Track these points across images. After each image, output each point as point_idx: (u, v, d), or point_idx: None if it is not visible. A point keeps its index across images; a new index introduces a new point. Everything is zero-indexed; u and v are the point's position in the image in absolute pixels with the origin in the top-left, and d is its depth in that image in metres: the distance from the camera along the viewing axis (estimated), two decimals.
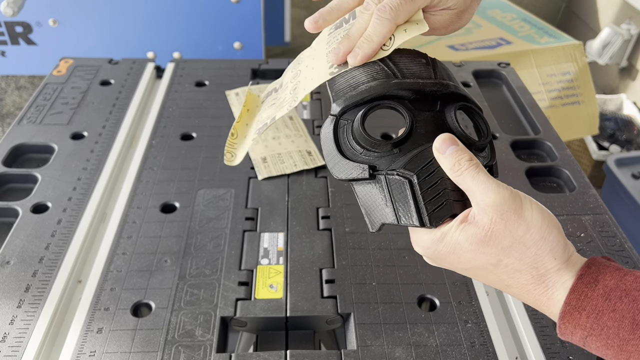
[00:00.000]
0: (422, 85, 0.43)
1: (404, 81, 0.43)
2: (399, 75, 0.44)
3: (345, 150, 0.44)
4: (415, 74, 0.44)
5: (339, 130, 0.44)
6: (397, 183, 0.41)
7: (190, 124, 0.84)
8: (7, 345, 0.52)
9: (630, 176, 1.50)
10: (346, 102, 0.43)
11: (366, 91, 0.43)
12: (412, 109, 0.43)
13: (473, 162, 0.39)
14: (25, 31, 1.23)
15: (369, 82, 0.43)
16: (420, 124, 0.43)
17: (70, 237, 0.63)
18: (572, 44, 1.62)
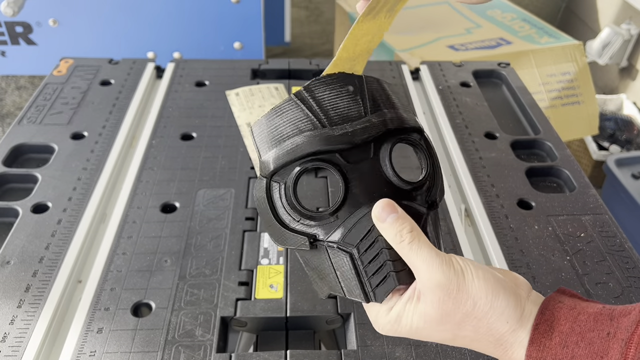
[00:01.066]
0: (351, 136, 0.40)
1: (331, 134, 0.40)
2: (326, 121, 0.40)
3: (282, 216, 0.41)
4: (344, 114, 0.41)
5: (272, 193, 0.41)
6: (339, 257, 0.40)
7: (190, 124, 0.84)
8: (7, 345, 0.52)
9: (630, 176, 1.50)
10: (274, 163, 0.40)
11: (293, 151, 0.40)
12: (343, 165, 0.40)
13: (414, 233, 0.38)
14: (26, 31, 1.23)
15: (294, 135, 0.40)
16: (354, 181, 0.40)
17: (70, 237, 0.63)
18: (572, 44, 1.62)
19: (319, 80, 0.42)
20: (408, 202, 0.41)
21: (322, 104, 0.41)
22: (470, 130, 0.83)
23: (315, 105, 0.41)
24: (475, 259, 0.64)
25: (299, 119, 0.41)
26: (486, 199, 0.70)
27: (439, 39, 1.63)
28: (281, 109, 0.41)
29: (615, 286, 0.59)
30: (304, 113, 0.41)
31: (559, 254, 0.63)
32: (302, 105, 0.41)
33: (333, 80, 0.42)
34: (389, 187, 0.41)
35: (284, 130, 0.41)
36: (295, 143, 0.40)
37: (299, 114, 0.41)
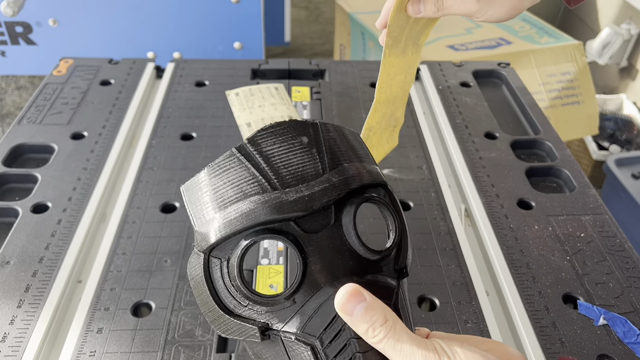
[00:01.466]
0: (308, 201, 0.33)
1: (284, 200, 0.32)
2: (277, 183, 0.33)
3: (225, 300, 0.33)
4: (298, 173, 0.33)
5: (211, 271, 0.34)
6: (298, 350, 0.32)
7: (190, 124, 0.84)
8: (7, 345, 0.52)
9: (630, 176, 1.50)
10: (215, 236, 0.33)
11: (237, 221, 0.32)
12: (299, 235, 0.33)
13: (389, 324, 0.32)
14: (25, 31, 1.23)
15: (238, 200, 0.32)
16: (314, 256, 0.33)
17: (70, 237, 0.63)
18: (572, 44, 1.62)
19: (266, 131, 0.34)
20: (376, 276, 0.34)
21: (272, 161, 0.33)
22: (470, 130, 0.83)
23: (263, 163, 0.33)
24: (475, 258, 0.64)
25: (244, 179, 0.33)
26: (486, 199, 0.70)
27: (439, 39, 1.63)
28: (220, 167, 0.33)
29: (615, 286, 0.59)
30: (249, 172, 0.33)
31: (559, 254, 0.63)
32: (247, 162, 0.33)
33: (283, 130, 0.34)
34: (354, 259, 0.34)
35: (225, 193, 0.33)
36: (240, 210, 0.32)
37: (243, 174, 0.33)
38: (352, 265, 0.34)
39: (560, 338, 0.54)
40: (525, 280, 0.59)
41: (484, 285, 0.61)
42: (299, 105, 0.89)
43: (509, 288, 0.59)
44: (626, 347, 0.53)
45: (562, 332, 0.54)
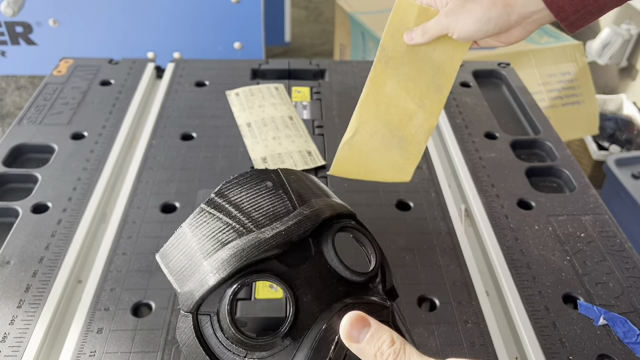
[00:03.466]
0: (285, 235, 0.33)
1: (262, 238, 0.33)
2: (251, 225, 0.33)
3: (222, 357, 0.33)
4: (270, 213, 0.34)
5: (202, 330, 0.33)
6: None
7: (190, 124, 0.84)
8: (7, 345, 0.52)
9: (630, 176, 1.50)
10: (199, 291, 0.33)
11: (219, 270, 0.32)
12: (284, 272, 0.33)
13: (397, 345, 0.31)
14: (25, 31, 1.23)
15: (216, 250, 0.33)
16: (302, 287, 0.33)
17: (70, 237, 0.63)
18: (572, 44, 1.62)
19: (230, 182, 0.35)
20: (368, 298, 0.34)
21: (242, 207, 0.34)
22: (470, 130, 0.83)
23: (235, 210, 0.34)
24: (475, 258, 0.64)
25: (219, 230, 0.33)
26: (486, 199, 0.70)
27: None
28: (193, 224, 0.34)
29: (616, 286, 0.59)
30: (222, 222, 0.34)
31: (559, 254, 0.63)
32: (219, 213, 0.34)
33: (246, 179, 0.36)
34: (342, 284, 0.34)
35: (203, 248, 0.33)
36: (221, 259, 0.32)
37: (217, 224, 0.34)
38: (342, 290, 0.34)
39: (560, 338, 0.54)
40: (525, 280, 0.59)
41: (484, 285, 0.61)
42: (299, 105, 0.89)
43: (509, 288, 0.59)
44: (626, 347, 0.53)
45: (562, 332, 0.54)
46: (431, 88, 0.55)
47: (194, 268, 0.33)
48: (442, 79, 0.55)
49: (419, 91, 0.56)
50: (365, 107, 0.56)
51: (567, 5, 0.46)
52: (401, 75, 0.55)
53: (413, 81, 0.55)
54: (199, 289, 0.33)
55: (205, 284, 0.32)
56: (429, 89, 0.55)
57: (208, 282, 0.32)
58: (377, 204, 0.70)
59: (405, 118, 0.57)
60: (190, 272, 0.34)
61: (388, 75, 0.55)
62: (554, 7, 0.47)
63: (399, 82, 0.55)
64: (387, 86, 0.55)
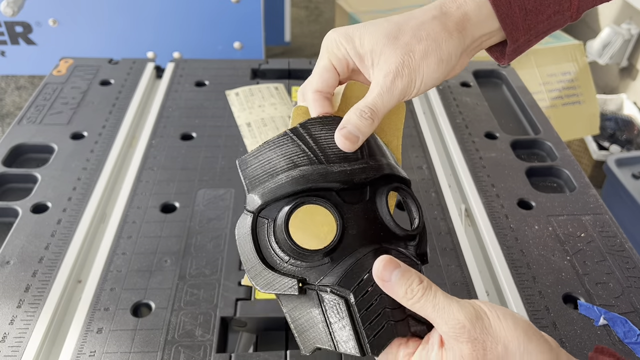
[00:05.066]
0: (350, 175, 0.38)
1: (330, 170, 0.38)
2: (323, 159, 0.38)
3: (268, 257, 0.37)
4: (341, 154, 0.39)
5: (258, 230, 0.38)
6: (332, 303, 0.36)
7: (190, 124, 0.84)
8: (7, 345, 0.51)
9: (631, 176, 1.50)
10: (265, 197, 0.37)
11: (287, 184, 0.37)
12: (340, 203, 0.38)
13: (424, 284, 0.35)
14: (25, 31, 1.23)
15: (289, 169, 0.38)
16: (350, 222, 0.37)
17: (70, 237, 0.63)
18: (572, 44, 1.62)
19: (315, 120, 0.40)
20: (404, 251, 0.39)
21: (319, 142, 0.39)
22: (471, 130, 0.83)
23: (312, 142, 0.39)
24: (475, 258, 0.63)
25: (295, 153, 0.38)
26: (486, 199, 0.70)
27: None
28: (275, 143, 0.39)
29: (616, 286, 0.59)
30: (300, 148, 0.38)
31: (559, 254, 0.63)
32: (299, 140, 0.39)
33: (329, 121, 0.40)
34: (385, 231, 0.38)
35: (278, 163, 0.38)
36: (291, 176, 0.37)
37: (295, 149, 0.38)
38: (383, 235, 0.38)
39: (560, 338, 0.54)
40: (525, 280, 0.59)
41: (484, 285, 0.60)
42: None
43: (509, 288, 0.59)
44: (626, 347, 0.53)
45: (563, 332, 0.54)
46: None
47: (266, 178, 0.38)
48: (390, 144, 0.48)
49: None
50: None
51: (520, 22, 0.41)
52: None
53: None
54: (264, 195, 0.37)
55: (271, 193, 0.37)
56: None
57: (274, 192, 0.37)
58: None
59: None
60: (262, 180, 0.38)
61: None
62: (508, 23, 0.40)
63: None
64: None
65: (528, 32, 0.41)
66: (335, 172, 0.38)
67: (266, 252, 0.38)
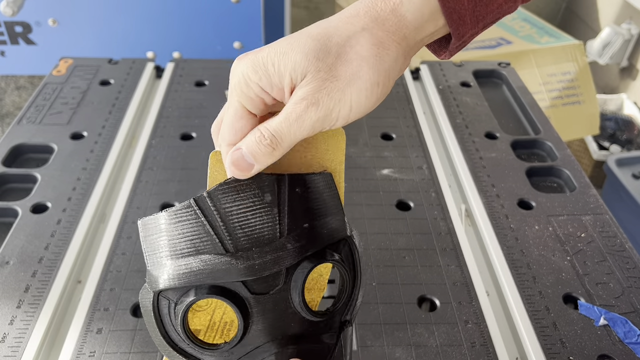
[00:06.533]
0: (258, 270, 0.33)
1: (234, 266, 0.33)
2: (230, 244, 0.33)
3: (170, 334, 0.35)
4: (253, 235, 0.33)
5: (160, 307, 0.35)
6: None
7: (190, 124, 0.84)
8: (7, 345, 0.51)
9: (631, 176, 1.50)
10: (164, 283, 0.34)
11: (185, 276, 0.33)
12: (247, 296, 0.34)
13: None
14: (25, 31, 1.23)
15: (190, 254, 0.33)
16: (257, 316, 0.34)
17: (69, 237, 0.63)
18: (572, 44, 1.62)
19: (228, 185, 0.33)
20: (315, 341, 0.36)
21: (228, 220, 0.33)
22: (471, 130, 0.83)
23: (219, 220, 0.33)
24: (475, 259, 0.63)
25: (198, 235, 0.33)
26: (486, 199, 0.70)
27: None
28: (177, 216, 0.34)
29: (616, 286, 0.59)
30: (204, 229, 0.33)
31: (559, 254, 0.63)
32: (203, 218, 0.33)
33: (247, 185, 0.34)
34: (296, 321, 0.35)
35: (179, 244, 0.34)
36: (190, 267, 0.33)
37: (198, 229, 0.33)
38: (294, 326, 0.35)
39: (560, 338, 0.53)
40: (525, 281, 0.59)
41: (484, 285, 0.60)
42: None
43: (509, 288, 0.58)
44: (627, 348, 0.53)
45: (563, 332, 0.54)
46: None
47: (165, 258, 0.34)
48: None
49: None
50: None
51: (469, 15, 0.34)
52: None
53: None
54: (163, 282, 0.34)
55: (169, 281, 0.33)
56: None
57: (172, 281, 0.33)
58: (377, 204, 0.70)
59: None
60: (159, 259, 0.34)
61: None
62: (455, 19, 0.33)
63: None
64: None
65: (476, 26, 0.35)
66: (241, 267, 0.33)
67: (169, 329, 0.35)
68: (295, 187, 0.35)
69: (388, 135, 0.83)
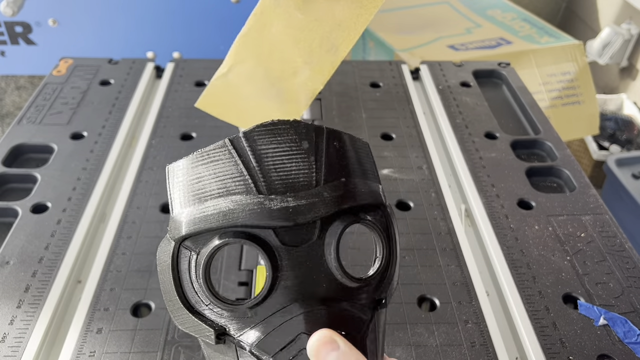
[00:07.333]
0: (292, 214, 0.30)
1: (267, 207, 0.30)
2: (264, 186, 0.30)
3: (188, 294, 0.32)
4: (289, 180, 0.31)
5: (180, 261, 0.32)
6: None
7: (190, 124, 0.84)
8: (7, 345, 0.51)
9: (631, 176, 1.50)
10: (188, 227, 0.31)
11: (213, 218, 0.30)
12: (277, 246, 0.31)
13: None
14: (25, 31, 1.23)
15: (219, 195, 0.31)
16: (287, 271, 0.31)
17: (70, 237, 0.63)
18: (572, 44, 1.62)
19: (265, 127, 0.32)
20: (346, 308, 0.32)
21: (263, 161, 0.31)
22: (470, 130, 0.83)
23: (254, 162, 0.31)
24: (475, 259, 0.63)
25: (230, 175, 0.31)
26: (486, 199, 0.70)
27: (439, 38, 1.63)
28: (209, 156, 0.32)
29: (616, 286, 0.59)
30: (237, 169, 0.31)
31: (559, 254, 0.63)
32: (237, 157, 0.32)
33: (284, 130, 0.32)
34: (329, 282, 0.31)
35: (208, 185, 0.31)
36: (219, 207, 0.31)
37: (231, 169, 0.31)
38: (326, 288, 0.31)
39: (560, 338, 0.54)
40: (525, 280, 0.59)
41: (484, 285, 0.60)
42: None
43: (509, 288, 0.59)
44: (626, 348, 0.53)
45: (563, 332, 0.54)
46: (324, 46, 0.46)
47: (192, 200, 0.32)
48: (339, 39, 0.45)
49: (308, 45, 0.46)
50: (245, 43, 0.47)
51: None
52: (292, 21, 0.44)
53: (305, 32, 0.45)
54: (187, 226, 0.31)
55: (194, 225, 0.31)
56: (322, 46, 0.46)
57: (197, 225, 0.31)
58: None
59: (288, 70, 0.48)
60: (186, 201, 0.32)
61: (277, 15, 0.44)
62: None
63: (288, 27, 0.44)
64: (274, 27, 0.45)
65: None
66: (274, 209, 0.30)
67: (187, 288, 0.32)
68: (332, 141, 0.33)
69: (388, 135, 0.83)
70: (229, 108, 0.51)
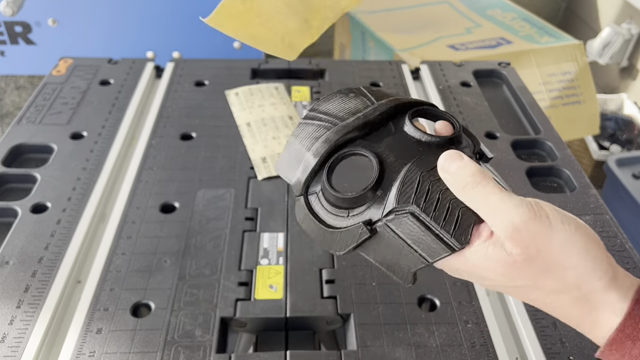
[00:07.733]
0: (364, 118, 0.40)
1: (346, 123, 0.40)
2: (337, 121, 0.41)
3: (331, 222, 0.39)
4: (353, 109, 0.42)
5: (313, 206, 0.40)
6: (402, 223, 0.36)
7: (190, 124, 0.84)
8: (7, 345, 0.51)
9: (631, 176, 1.50)
10: (303, 174, 0.40)
11: (316, 155, 0.40)
12: (368, 145, 0.40)
13: (480, 176, 0.35)
14: (25, 31, 1.23)
15: (312, 144, 0.40)
16: (385, 152, 0.39)
17: (69, 237, 0.63)
18: (572, 44, 1.62)
19: (318, 100, 0.43)
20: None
21: (330, 112, 0.41)
22: (471, 130, 0.83)
23: (324, 116, 0.41)
24: None
25: (313, 132, 0.41)
26: None
27: (439, 38, 1.63)
28: (294, 134, 0.42)
29: None
30: (315, 126, 0.41)
31: None
32: (312, 121, 0.41)
33: (332, 95, 0.43)
34: (422, 145, 0.39)
35: (302, 147, 0.41)
36: (315, 148, 0.40)
37: (311, 129, 0.41)
38: (422, 150, 0.39)
39: (560, 338, 0.53)
40: None
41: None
42: (298, 105, 0.89)
43: None
44: None
45: (563, 332, 0.54)
46: None
47: (298, 161, 0.40)
48: None
49: None
50: None
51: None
52: None
53: None
54: (304, 173, 0.40)
55: (307, 168, 0.40)
56: None
57: (309, 166, 0.40)
58: None
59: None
60: (294, 167, 0.41)
61: None
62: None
63: None
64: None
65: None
66: (351, 121, 0.40)
67: (327, 219, 0.39)
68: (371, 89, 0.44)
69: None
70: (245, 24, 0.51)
